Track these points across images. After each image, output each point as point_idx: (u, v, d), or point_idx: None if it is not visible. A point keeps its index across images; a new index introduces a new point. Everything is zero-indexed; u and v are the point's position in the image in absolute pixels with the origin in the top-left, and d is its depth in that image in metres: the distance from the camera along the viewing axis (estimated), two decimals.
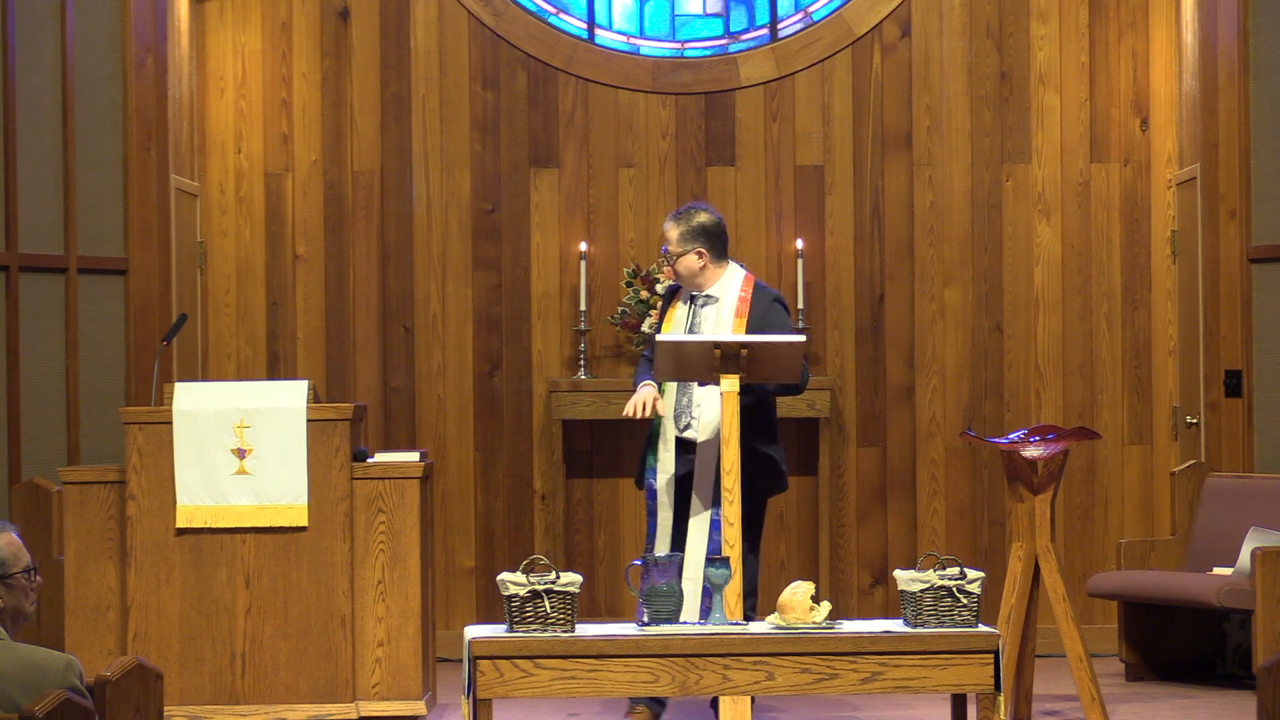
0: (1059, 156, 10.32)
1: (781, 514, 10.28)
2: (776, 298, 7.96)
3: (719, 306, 7.84)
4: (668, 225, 7.91)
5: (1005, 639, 7.62)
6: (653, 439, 7.93)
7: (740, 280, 7.89)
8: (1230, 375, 9.49)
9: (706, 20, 10.62)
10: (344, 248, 10.32)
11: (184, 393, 7.93)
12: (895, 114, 10.34)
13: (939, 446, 10.28)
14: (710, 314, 7.85)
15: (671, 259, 7.89)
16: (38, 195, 9.14)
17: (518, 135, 10.35)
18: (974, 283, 10.32)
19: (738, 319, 7.80)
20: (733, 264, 7.95)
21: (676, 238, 7.87)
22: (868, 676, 6.07)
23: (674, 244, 7.87)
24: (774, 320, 7.83)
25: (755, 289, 7.89)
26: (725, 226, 7.94)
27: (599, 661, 6.05)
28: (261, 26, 10.35)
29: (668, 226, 7.91)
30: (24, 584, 4.87)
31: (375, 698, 7.91)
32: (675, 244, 7.86)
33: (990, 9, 10.32)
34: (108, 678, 4.61)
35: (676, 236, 7.87)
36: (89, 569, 7.94)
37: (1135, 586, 9.09)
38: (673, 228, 7.88)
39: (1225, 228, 9.52)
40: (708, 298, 7.87)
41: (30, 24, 9.10)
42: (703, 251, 7.83)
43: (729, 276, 7.90)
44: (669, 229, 7.89)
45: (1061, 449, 7.78)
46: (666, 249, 7.91)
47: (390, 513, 7.94)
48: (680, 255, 7.85)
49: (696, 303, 7.88)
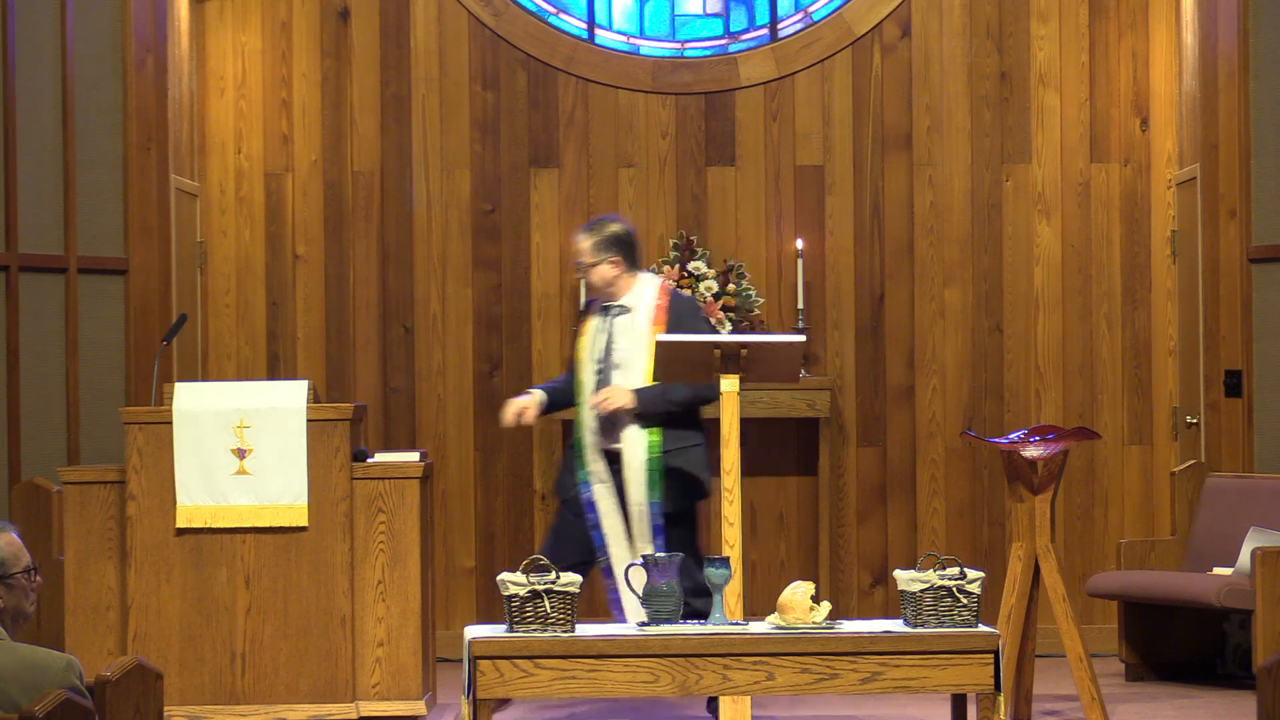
0: (1059, 156, 10.32)
1: (782, 514, 10.28)
2: (694, 304, 8.13)
3: (633, 316, 7.91)
4: (580, 237, 8.00)
5: (1005, 639, 7.62)
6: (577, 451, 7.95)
7: (655, 289, 7.95)
8: (1230, 375, 9.49)
9: (706, 20, 10.62)
10: (344, 248, 10.32)
11: (184, 393, 7.92)
12: (895, 114, 10.34)
13: (939, 446, 10.28)
14: (624, 324, 7.90)
15: (585, 270, 7.95)
16: (38, 195, 9.14)
17: (518, 135, 10.35)
18: (974, 283, 10.32)
19: (655, 327, 7.85)
20: (645, 274, 8.03)
21: (589, 248, 7.93)
22: (868, 676, 6.07)
23: (587, 254, 7.93)
24: (693, 325, 7.90)
25: (671, 296, 7.96)
26: (636, 237, 8.02)
27: (599, 661, 6.05)
28: (261, 26, 10.35)
29: (580, 238, 8.00)
30: (24, 584, 4.87)
31: (375, 698, 7.91)
32: (588, 254, 7.93)
33: (990, 9, 10.32)
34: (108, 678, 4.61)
35: (589, 247, 7.93)
36: (89, 569, 7.94)
37: (1135, 586, 9.09)
38: (585, 239, 7.96)
39: (1225, 228, 9.52)
40: (621, 308, 7.92)
41: (30, 24, 9.10)
42: (616, 260, 7.89)
43: (642, 286, 7.96)
44: (581, 240, 7.98)
45: (1061, 449, 7.78)
46: (580, 260, 7.97)
47: (390, 513, 7.94)
48: (594, 265, 7.92)
49: (610, 313, 7.92)
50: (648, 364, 7.82)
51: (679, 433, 7.86)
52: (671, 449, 7.84)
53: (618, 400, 7.78)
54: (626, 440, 7.83)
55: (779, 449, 10.25)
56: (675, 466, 7.83)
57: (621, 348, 7.88)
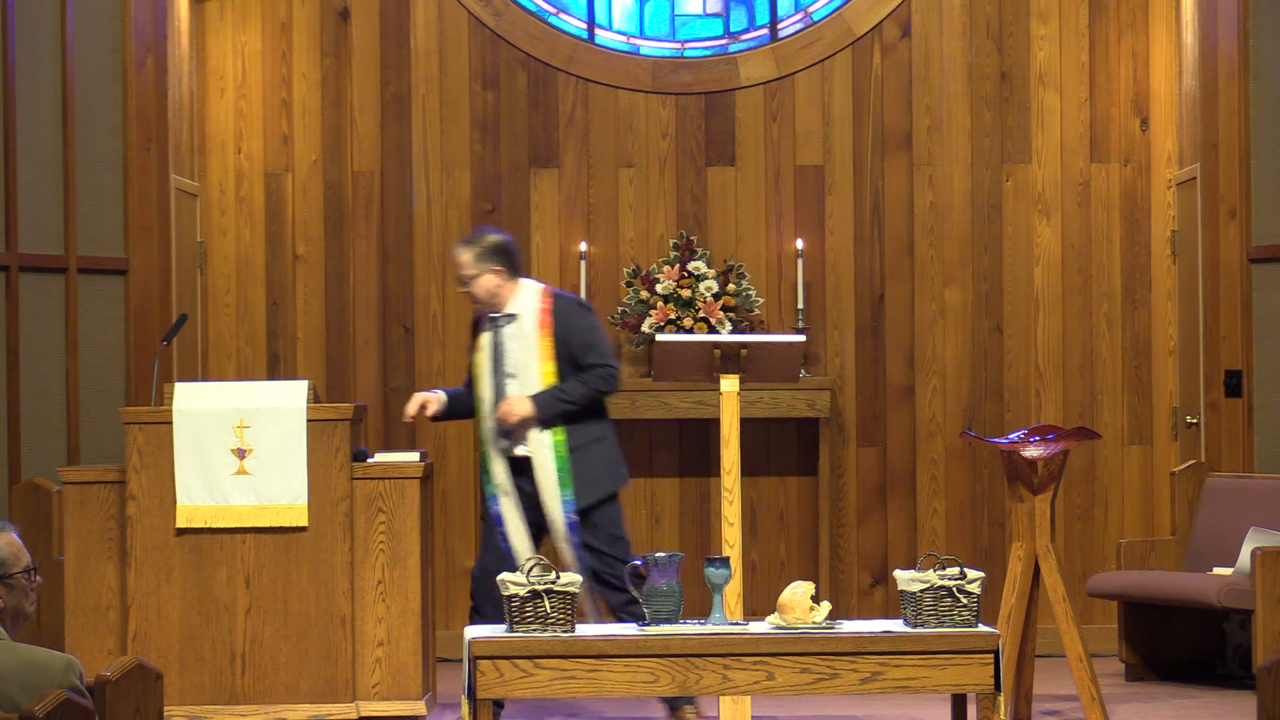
0: (1059, 156, 10.32)
1: (782, 514, 10.28)
2: (579, 303, 8.13)
3: (520, 323, 7.94)
4: (459, 251, 8.02)
5: (1005, 639, 7.62)
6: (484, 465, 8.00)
7: (537, 294, 7.98)
8: (1230, 375, 9.49)
9: (706, 20, 10.62)
10: (344, 248, 10.32)
11: (184, 393, 7.92)
12: (895, 114, 10.34)
13: (939, 446, 10.28)
14: (513, 332, 7.93)
15: (468, 283, 7.95)
16: (38, 195, 9.14)
17: (518, 135, 10.35)
18: (974, 283, 10.32)
19: (542, 330, 7.91)
20: (527, 280, 8.05)
21: (471, 260, 7.95)
22: (868, 676, 6.07)
23: (469, 267, 7.95)
24: (579, 324, 7.96)
25: (555, 299, 8.00)
26: (515, 245, 8.05)
27: (599, 661, 6.05)
28: (261, 26, 10.35)
29: (459, 252, 8.01)
30: (24, 584, 4.87)
31: (375, 698, 7.91)
32: (470, 267, 7.95)
33: (990, 9, 10.32)
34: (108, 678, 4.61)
35: (470, 259, 7.95)
36: (89, 569, 7.94)
37: (1135, 586, 9.09)
38: (465, 252, 7.98)
39: (1225, 228, 9.52)
40: (508, 317, 7.95)
41: (30, 24, 9.10)
42: (499, 270, 7.92)
43: (525, 292, 7.99)
44: (461, 254, 7.99)
45: (1061, 449, 7.78)
46: (462, 275, 7.98)
47: (390, 513, 7.94)
48: (476, 277, 7.94)
49: (498, 324, 7.94)
50: (541, 368, 7.89)
51: (583, 428, 7.94)
52: (577, 445, 7.90)
53: (519, 411, 7.83)
54: (533, 445, 7.87)
55: (779, 449, 10.26)
56: (583, 462, 7.90)
57: (513, 357, 7.92)
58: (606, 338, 8.08)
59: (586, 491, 7.88)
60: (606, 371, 7.91)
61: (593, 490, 7.90)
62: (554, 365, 7.89)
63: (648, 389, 10.01)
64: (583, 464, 7.89)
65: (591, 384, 7.88)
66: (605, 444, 7.97)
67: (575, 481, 7.86)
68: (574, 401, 7.88)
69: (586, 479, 7.88)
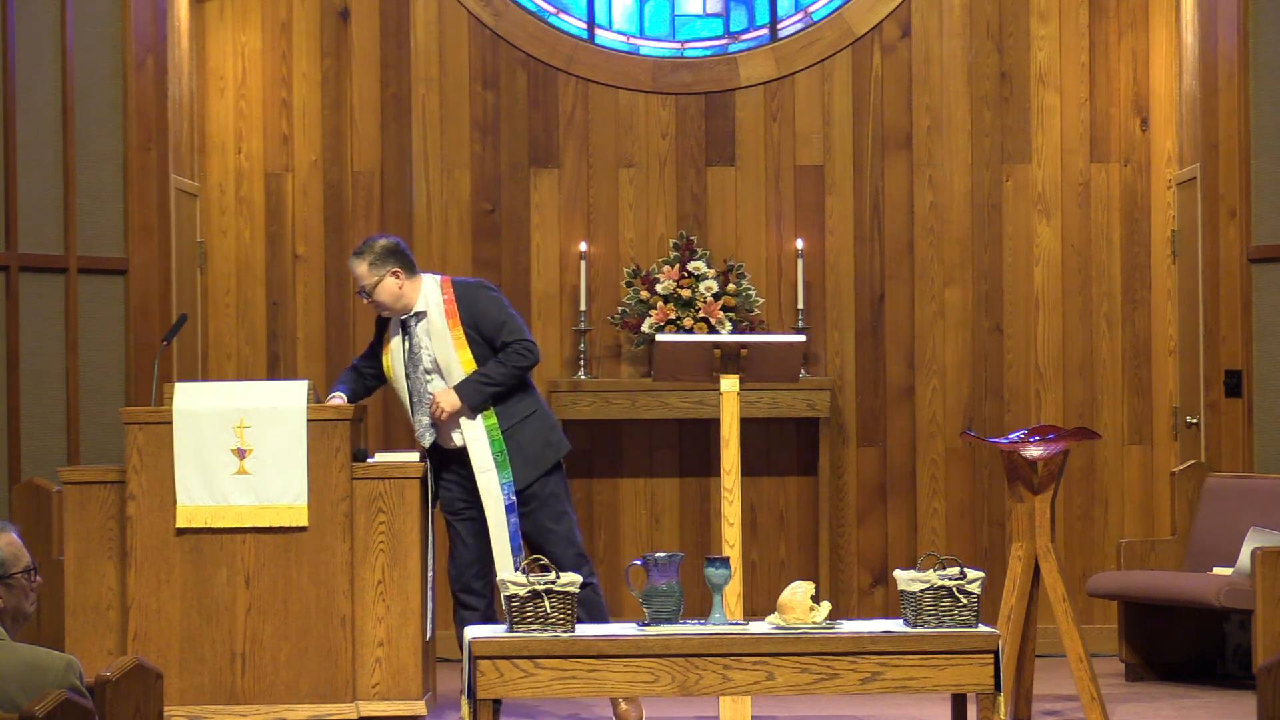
0: (1059, 156, 10.32)
1: (782, 514, 10.28)
2: (479, 284, 8.13)
3: (429, 319, 7.97)
4: (353, 264, 8.01)
5: (1005, 639, 7.62)
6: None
7: (438, 285, 8.02)
8: (1230, 375, 9.49)
9: (706, 20, 10.62)
10: (344, 248, 10.32)
11: (184, 393, 7.92)
12: (895, 114, 10.34)
13: (939, 446, 10.28)
14: (424, 330, 7.96)
15: (370, 291, 7.95)
16: (38, 195, 9.14)
17: (518, 135, 10.35)
18: (974, 283, 10.32)
19: (450, 320, 7.95)
20: (425, 275, 8.07)
21: (367, 269, 7.97)
22: (868, 676, 6.07)
23: (366, 277, 7.97)
24: (485, 306, 7.99)
25: (455, 286, 8.03)
26: (406, 244, 8.05)
27: (599, 661, 6.05)
28: (261, 26, 10.35)
29: (353, 264, 8.01)
30: (24, 584, 4.87)
31: (375, 698, 7.91)
32: (367, 276, 7.97)
33: (990, 9, 10.32)
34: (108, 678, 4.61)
35: (366, 268, 7.97)
36: (89, 569, 7.94)
37: (1135, 586, 9.09)
38: (359, 263, 8.00)
39: (1225, 228, 9.52)
40: (417, 315, 7.97)
41: (30, 24, 9.10)
42: (397, 270, 7.95)
43: (427, 287, 8.01)
44: (356, 265, 7.99)
45: (1061, 449, 7.78)
46: (362, 287, 7.97)
47: (390, 513, 7.94)
48: (377, 284, 7.94)
49: (409, 325, 7.95)
50: (459, 357, 7.91)
51: (511, 406, 7.97)
52: (509, 426, 7.94)
53: (449, 404, 7.87)
54: (467, 432, 7.90)
55: (779, 449, 10.26)
56: (517, 440, 7.93)
57: (429, 354, 7.94)
58: (515, 311, 8.09)
59: (525, 471, 7.94)
60: (523, 346, 7.94)
61: (531, 469, 7.96)
62: (470, 352, 7.92)
63: (648, 389, 10.01)
64: (517, 443, 7.95)
65: (512, 361, 7.92)
66: (536, 418, 8.01)
67: (512, 462, 7.91)
68: (498, 383, 7.92)
69: (523, 458, 7.94)
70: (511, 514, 7.88)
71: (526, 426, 7.98)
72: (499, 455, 7.91)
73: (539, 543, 7.92)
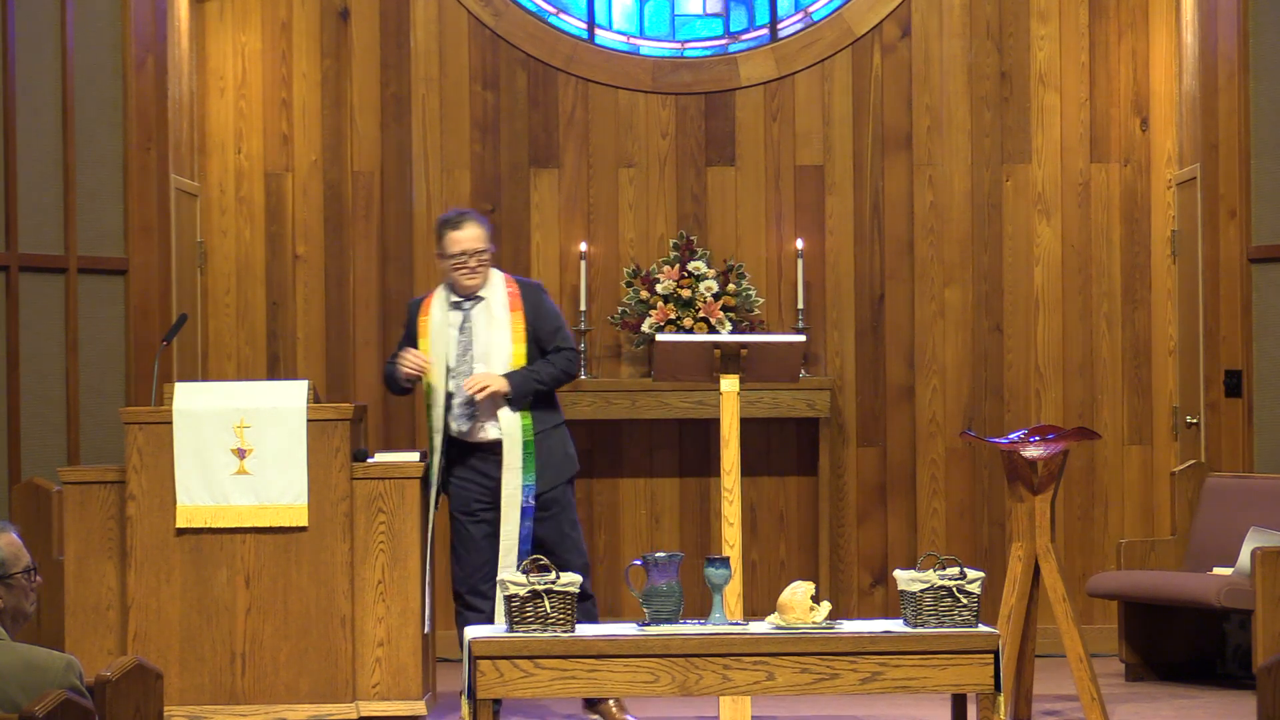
0: (1059, 156, 10.32)
1: (782, 514, 10.28)
2: (540, 286, 8.14)
3: (488, 305, 7.93)
4: (467, 226, 7.93)
5: (1005, 639, 7.62)
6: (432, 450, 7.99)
7: (501, 277, 8.01)
8: (1230, 375, 9.49)
9: (706, 20, 10.62)
10: (344, 248, 10.32)
11: (184, 393, 7.93)
12: (895, 114, 10.34)
13: (939, 446, 10.28)
14: (482, 315, 7.92)
15: (484, 262, 7.91)
16: (38, 195, 9.14)
17: (518, 135, 10.35)
18: (974, 283, 10.32)
19: (513, 314, 7.93)
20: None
21: (486, 237, 7.98)
22: (868, 676, 6.07)
23: (484, 242, 7.97)
24: (548, 307, 8.03)
25: (519, 283, 8.04)
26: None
27: (599, 661, 6.05)
28: (261, 26, 10.35)
29: (469, 227, 7.93)
30: (24, 584, 4.87)
31: (375, 698, 7.91)
32: (485, 242, 7.98)
33: (990, 9, 10.32)
34: (108, 678, 4.62)
35: (486, 237, 7.98)
36: (89, 569, 7.94)
37: (1135, 586, 9.09)
38: (477, 226, 7.97)
39: (1225, 228, 9.52)
40: (476, 300, 7.92)
41: (30, 24, 9.10)
42: (494, 251, 7.97)
43: (493, 275, 8.00)
44: (471, 228, 7.94)
45: (1061, 449, 7.78)
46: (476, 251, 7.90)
47: (390, 513, 7.94)
48: (487, 253, 7.93)
49: (465, 308, 7.91)
50: (513, 350, 7.90)
51: (544, 414, 7.98)
52: (540, 430, 7.93)
53: (495, 385, 7.83)
54: (504, 424, 7.86)
55: (779, 449, 10.26)
56: (546, 446, 7.93)
57: (482, 340, 7.91)
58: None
59: (548, 476, 7.93)
60: (574, 355, 7.99)
61: (554, 475, 7.96)
62: (524, 347, 7.91)
63: (648, 389, 10.00)
64: (545, 449, 7.93)
65: (561, 366, 7.94)
66: (562, 430, 8.05)
67: (538, 466, 7.88)
68: (545, 384, 7.94)
69: (549, 464, 7.92)
70: (526, 517, 7.85)
71: (554, 435, 7.98)
72: (527, 457, 7.87)
73: (554, 548, 7.88)
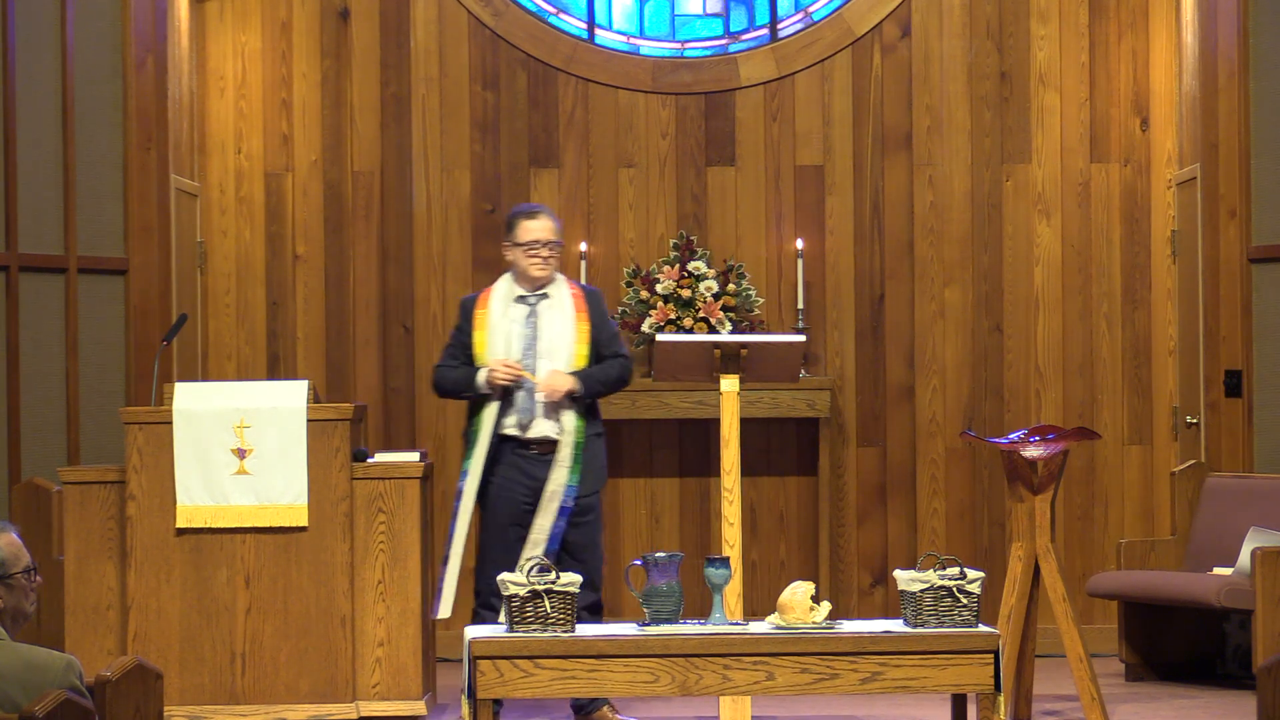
0: (1059, 156, 10.32)
1: (782, 514, 10.28)
2: (601, 294, 8.15)
3: (555, 303, 7.93)
4: (542, 218, 7.94)
5: (1005, 639, 7.62)
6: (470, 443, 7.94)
7: (564, 278, 8.03)
8: (1230, 375, 9.49)
9: (706, 20, 10.62)
10: (344, 248, 10.33)
11: (184, 393, 7.93)
12: (895, 114, 10.34)
13: (939, 446, 10.28)
14: (549, 311, 7.91)
15: (554, 253, 7.90)
16: (38, 195, 9.14)
17: (518, 135, 10.35)
18: (974, 283, 10.32)
19: (579, 314, 7.93)
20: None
21: (559, 230, 7.99)
22: (868, 676, 6.07)
23: (558, 234, 7.97)
24: (606, 313, 8.04)
25: (581, 287, 8.05)
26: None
27: (599, 661, 6.05)
28: (261, 26, 10.35)
29: (544, 219, 7.93)
30: (24, 584, 4.87)
31: (375, 698, 7.91)
32: (558, 235, 7.97)
33: (990, 9, 10.32)
34: (108, 678, 4.62)
35: (558, 229, 7.99)
36: (89, 569, 7.94)
37: (1135, 586, 9.09)
38: (550, 219, 7.96)
39: (1225, 228, 9.52)
40: (542, 295, 7.91)
41: (30, 24, 9.10)
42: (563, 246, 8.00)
43: (557, 275, 8.02)
44: (546, 220, 7.94)
45: (1061, 449, 7.78)
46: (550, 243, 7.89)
47: (390, 513, 7.94)
48: (558, 249, 7.95)
49: (531, 302, 7.90)
50: (576, 350, 7.89)
51: (592, 420, 8.00)
52: (590, 435, 7.96)
53: (568, 385, 7.83)
54: (564, 423, 7.85)
55: (779, 449, 10.26)
56: (590, 453, 7.94)
57: (548, 335, 7.89)
58: None
59: (590, 481, 7.93)
60: (629, 362, 8.02)
61: (594, 481, 7.97)
62: (587, 349, 7.90)
63: (648, 389, 10.00)
64: (589, 455, 7.93)
65: (617, 373, 7.95)
66: (603, 439, 8.06)
67: (582, 470, 7.87)
68: (605, 387, 7.96)
69: (591, 470, 7.93)
70: (562, 516, 7.83)
71: (598, 443, 7.98)
72: (575, 461, 7.85)
73: (580, 554, 7.85)
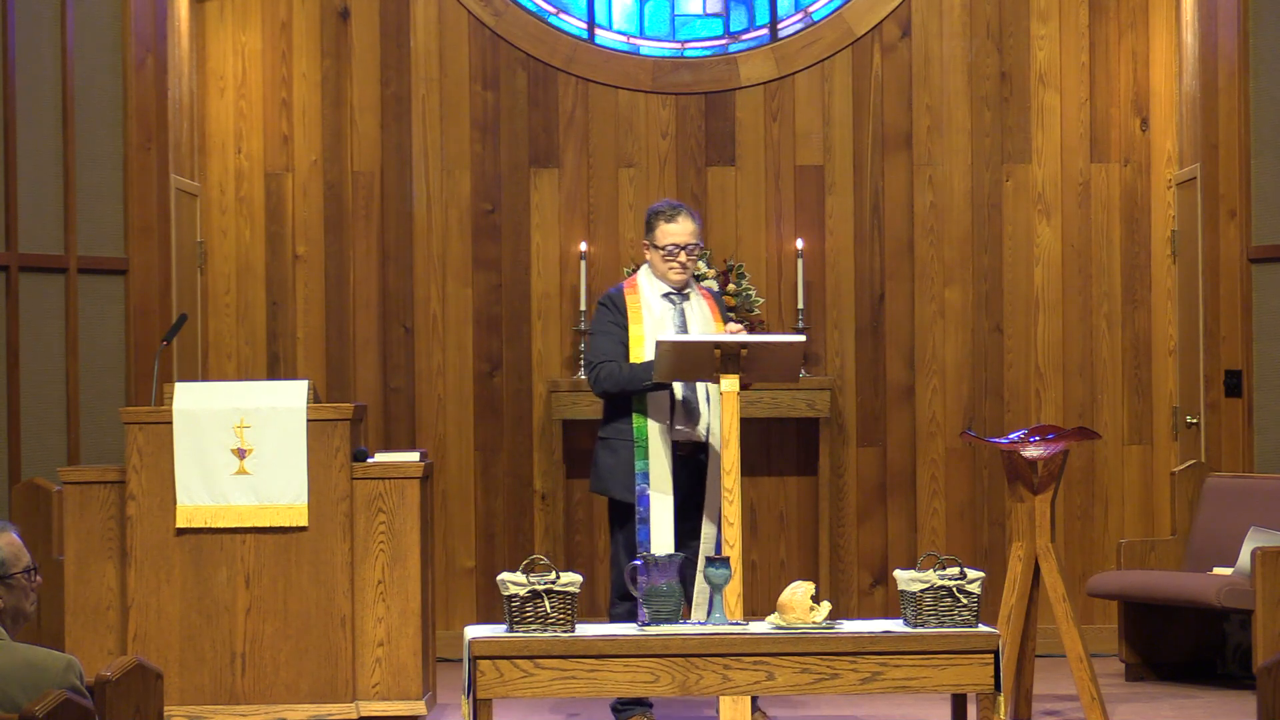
0: (1059, 156, 10.32)
1: (782, 514, 10.28)
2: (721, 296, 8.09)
3: (699, 303, 7.91)
4: (685, 220, 7.83)
5: (1005, 639, 7.62)
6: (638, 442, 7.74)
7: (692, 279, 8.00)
8: (1230, 375, 9.49)
9: (706, 20, 10.62)
10: (344, 248, 10.33)
11: (184, 393, 7.93)
12: (895, 114, 10.34)
13: (939, 446, 10.28)
14: (692, 310, 7.89)
15: (692, 254, 7.85)
16: (38, 195, 9.14)
17: (518, 135, 10.35)
18: (974, 283, 10.33)
19: (714, 314, 7.91)
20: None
21: (698, 231, 7.91)
22: (868, 676, 6.07)
23: (696, 238, 7.89)
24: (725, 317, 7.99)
25: (702, 286, 8.02)
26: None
27: (599, 661, 6.05)
28: (261, 26, 10.35)
29: (684, 220, 7.82)
30: (24, 584, 4.87)
31: (375, 698, 7.91)
32: (697, 238, 7.90)
33: (990, 9, 10.32)
34: (108, 678, 4.62)
35: (698, 230, 7.91)
36: (89, 569, 7.94)
37: (1135, 586, 9.09)
38: (691, 220, 7.88)
39: (1225, 228, 9.52)
40: (684, 294, 7.89)
41: (30, 24, 9.10)
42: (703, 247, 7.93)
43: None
44: (687, 221, 7.82)
45: (1061, 449, 7.78)
46: (689, 245, 7.81)
47: (390, 513, 7.94)
48: (697, 251, 7.89)
49: (677, 302, 7.88)
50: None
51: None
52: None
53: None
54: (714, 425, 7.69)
55: (779, 449, 10.26)
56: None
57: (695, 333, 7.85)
58: None
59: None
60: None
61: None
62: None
63: None
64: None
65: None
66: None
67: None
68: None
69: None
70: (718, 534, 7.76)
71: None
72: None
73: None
